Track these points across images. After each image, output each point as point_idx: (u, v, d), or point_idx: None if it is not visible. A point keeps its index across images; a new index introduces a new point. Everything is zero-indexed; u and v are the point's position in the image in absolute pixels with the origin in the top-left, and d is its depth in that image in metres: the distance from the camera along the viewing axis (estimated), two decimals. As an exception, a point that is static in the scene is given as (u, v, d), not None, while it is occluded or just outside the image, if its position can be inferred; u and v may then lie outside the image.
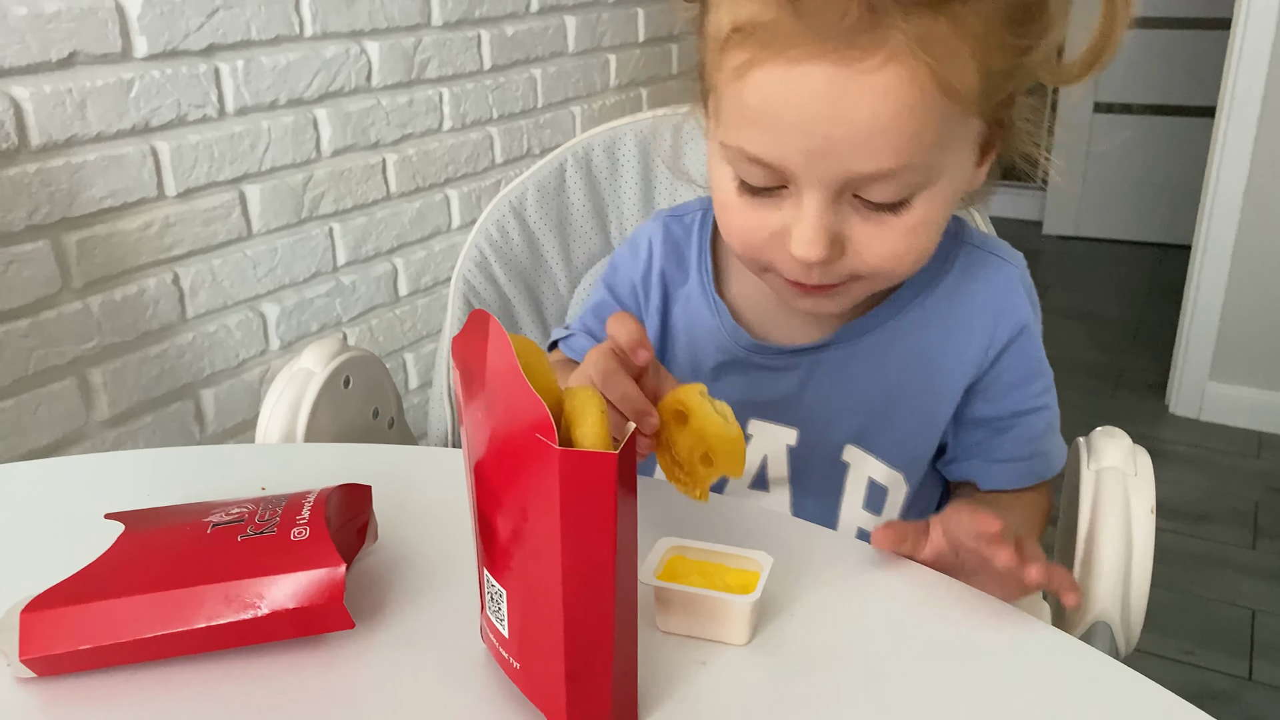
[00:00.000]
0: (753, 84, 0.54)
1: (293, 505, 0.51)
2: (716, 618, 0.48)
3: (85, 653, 0.46)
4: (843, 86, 0.52)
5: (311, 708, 0.45)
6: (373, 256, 1.66)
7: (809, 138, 0.53)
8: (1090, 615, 0.63)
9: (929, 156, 0.55)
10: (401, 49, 1.63)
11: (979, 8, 0.52)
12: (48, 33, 1.16)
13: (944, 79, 0.52)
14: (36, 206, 1.18)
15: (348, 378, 0.82)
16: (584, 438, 0.39)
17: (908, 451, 0.69)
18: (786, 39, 0.52)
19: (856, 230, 0.57)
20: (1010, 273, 0.69)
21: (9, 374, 1.18)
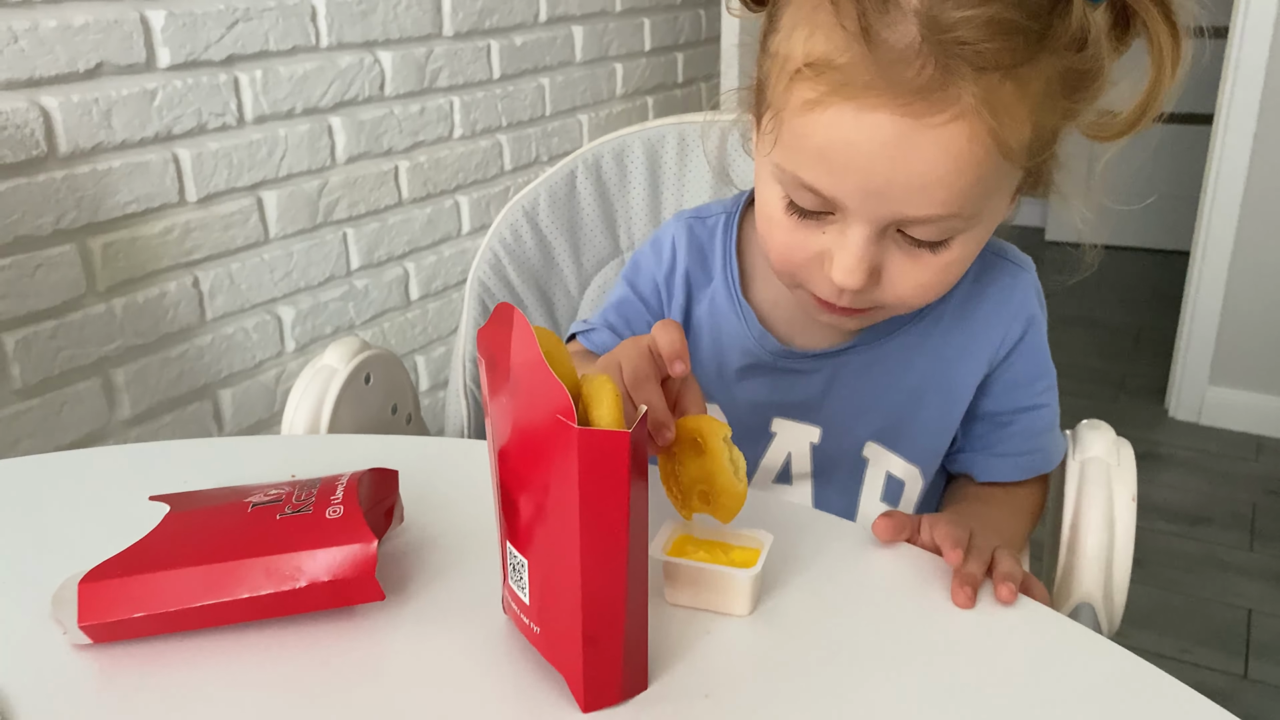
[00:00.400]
0: (821, 121, 0.56)
1: (327, 487, 0.54)
2: (720, 591, 0.52)
3: (138, 620, 0.50)
4: (909, 138, 0.54)
5: (345, 673, 0.49)
6: (385, 261, 1.70)
7: (869, 180, 0.56)
8: (1074, 597, 0.67)
9: (976, 206, 0.57)
10: (414, 59, 1.67)
11: (1040, 70, 0.54)
12: (76, 44, 1.21)
13: (1002, 138, 0.54)
14: (64, 212, 1.22)
15: (368, 375, 0.86)
16: (600, 419, 0.43)
17: (926, 447, 0.72)
18: (860, 85, 0.53)
19: (894, 263, 0.60)
20: (1021, 276, 0.73)
21: (37, 374, 1.22)
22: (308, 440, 0.76)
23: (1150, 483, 2.28)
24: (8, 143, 1.16)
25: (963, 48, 0.52)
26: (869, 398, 0.72)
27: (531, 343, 0.43)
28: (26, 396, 1.21)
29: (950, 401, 0.71)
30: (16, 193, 1.17)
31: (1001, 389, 0.72)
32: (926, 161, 0.54)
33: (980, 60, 0.52)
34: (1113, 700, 0.47)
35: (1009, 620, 0.53)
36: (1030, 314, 0.72)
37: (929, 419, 0.71)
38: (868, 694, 0.48)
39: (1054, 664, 0.50)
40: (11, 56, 1.15)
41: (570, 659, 0.46)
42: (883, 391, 0.71)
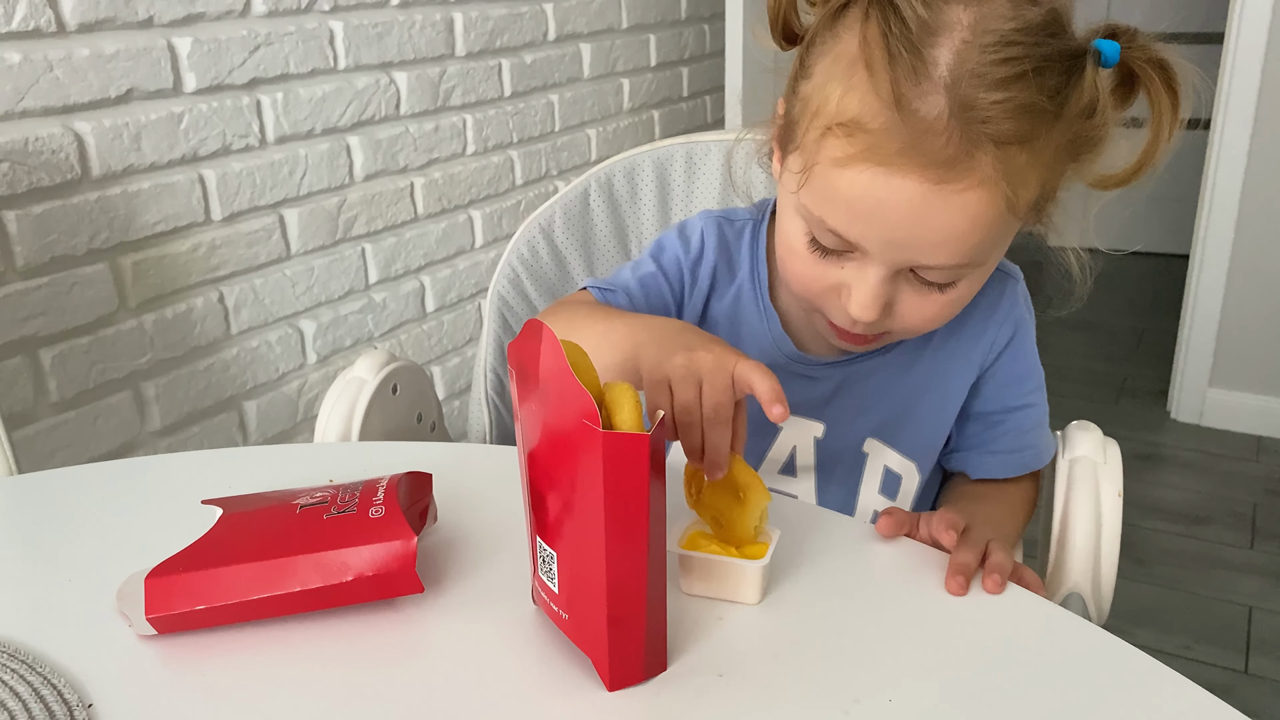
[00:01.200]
0: (850, 177, 0.60)
1: (368, 489, 0.59)
2: (732, 581, 0.56)
3: (199, 613, 0.54)
4: (933, 201, 0.59)
5: (389, 659, 0.54)
6: (402, 275, 1.75)
7: (892, 233, 0.61)
8: (1064, 588, 0.71)
9: (984, 255, 0.64)
10: (428, 79, 1.72)
11: (1053, 139, 0.60)
12: (108, 71, 1.26)
13: (1014, 201, 0.60)
14: (97, 232, 1.28)
15: (395, 385, 0.91)
16: (623, 423, 0.48)
17: (922, 444, 0.77)
18: (891, 152, 0.58)
19: (905, 299, 0.65)
20: (1009, 284, 0.78)
21: (72, 387, 1.27)
22: (341, 447, 0.81)
23: (1152, 483, 2.31)
24: (44, 167, 1.21)
25: (987, 125, 0.57)
26: (871, 399, 0.77)
27: (560, 355, 0.47)
28: (63, 409, 1.26)
29: (945, 401, 0.76)
30: (53, 214, 1.22)
31: (992, 390, 0.77)
32: (947, 221, 0.60)
33: (1001, 136, 0.57)
34: (1099, 681, 0.52)
35: (1001, 607, 0.58)
36: (1018, 319, 0.76)
37: (925, 417, 0.76)
38: (868, 674, 0.52)
39: (1044, 647, 0.54)
40: (47, 85, 1.20)
41: (596, 642, 0.50)
42: (884, 393, 0.77)
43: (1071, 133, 0.61)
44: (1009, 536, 0.74)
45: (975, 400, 0.77)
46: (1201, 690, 0.50)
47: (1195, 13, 3.54)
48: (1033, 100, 0.57)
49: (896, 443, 0.77)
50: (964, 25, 0.58)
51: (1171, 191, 3.70)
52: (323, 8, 1.52)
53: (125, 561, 0.61)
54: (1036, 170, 0.60)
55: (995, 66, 0.57)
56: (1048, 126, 0.59)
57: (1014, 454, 0.78)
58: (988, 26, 0.58)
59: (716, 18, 2.58)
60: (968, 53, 0.57)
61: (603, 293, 0.78)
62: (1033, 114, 0.58)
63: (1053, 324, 0.79)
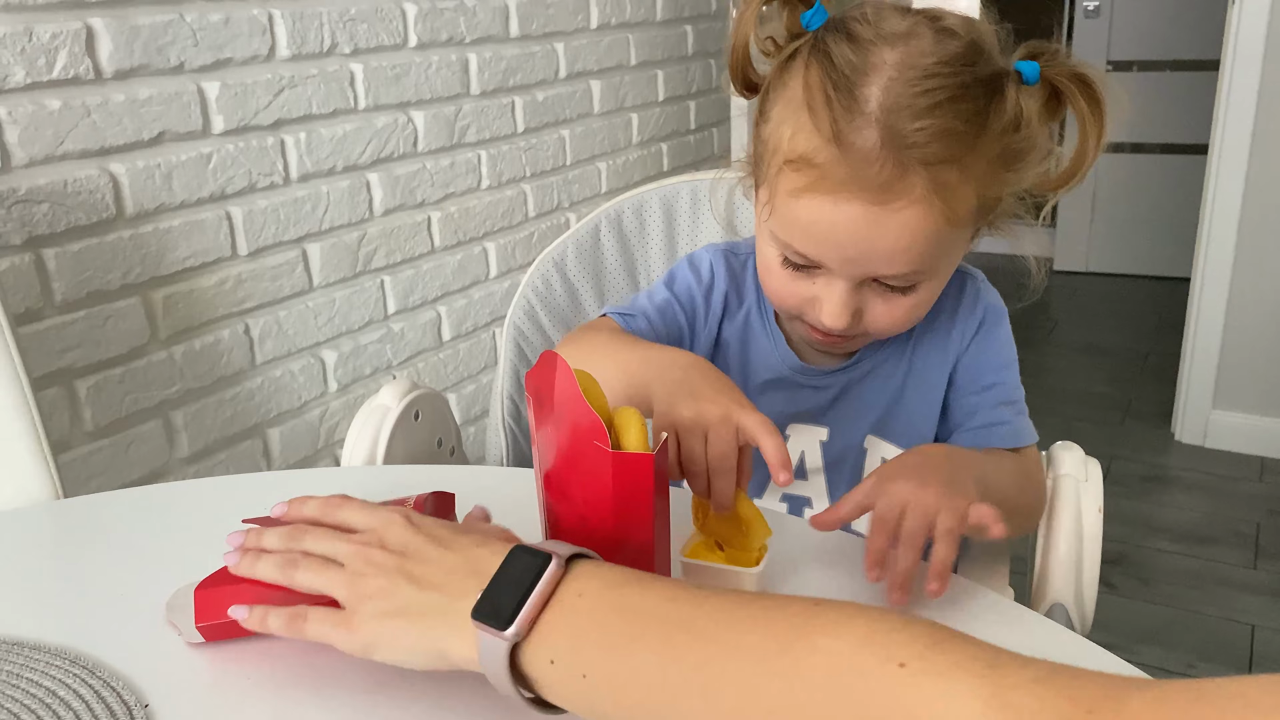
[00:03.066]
0: (803, 206, 0.69)
1: (395, 505, 0.64)
2: (731, 586, 0.61)
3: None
4: (874, 220, 0.67)
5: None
6: (419, 305, 1.81)
7: (844, 251, 0.70)
8: (1048, 599, 0.76)
9: (934, 262, 0.72)
10: (444, 117, 1.79)
11: (981, 154, 0.68)
12: (141, 115, 1.33)
13: (950, 213, 0.68)
14: (130, 268, 1.34)
15: (417, 411, 0.96)
16: (630, 444, 0.53)
17: (914, 433, 0.83)
18: (835, 181, 0.67)
19: (872, 304, 0.74)
20: (971, 283, 0.84)
21: (106, 416, 1.33)
22: (367, 470, 0.86)
23: (1156, 504, 2.35)
24: (81, 207, 1.27)
25: (914, 149, 0.65)
26: (867, 401, 0.83)
27: (573, 382, 0.52)
28: (97, 437, 1.32)
29: (928, 391, 0.83)
30: (89, 252, 1.29)
31: (964, 375, 0.83)
32: (891, 237, 0.68)
33: (928, 158, 0.66)
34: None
35: (986, 616, 0.62)
36: (984, 310, 0.83)
37: (912, 409, 0.83)
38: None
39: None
40: (85, 129, 1.27)
41: None
42: (877, 394, 0.83)
43: (1000, 146, 0.68)
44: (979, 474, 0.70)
45: (952, 389, 0.83)
46: None
47: (1191, 41, 3.61)
48: (953, 125, 0.65)
49: (891, 436, 0.84)
50: (889, 64, 0.66)
51: (1173, 216, 3.75)
52: (344, 51, 1.59)
53: (168, 576, 0.66)
54: (969, 184, 0.68)
55: (918, 98, 0.65)
56: (971, 145, 0.66)
57: (985, 429, 0.81)
58: (911, 63, 0.66)
59: (722, 53, 2.65)
60: (893, 87, 0.65)
61: (624, 318, 0.84)
62: (954, 136, 0.66)
63: (1059, 347, 0.85)
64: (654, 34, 2.36)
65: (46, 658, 0.60)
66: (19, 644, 0.61)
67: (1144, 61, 3.72)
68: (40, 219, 1.23)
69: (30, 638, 0.62)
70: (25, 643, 0.61)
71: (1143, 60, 3.72)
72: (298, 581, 0.55)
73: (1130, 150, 3.81)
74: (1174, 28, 3.64)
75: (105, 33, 1.27)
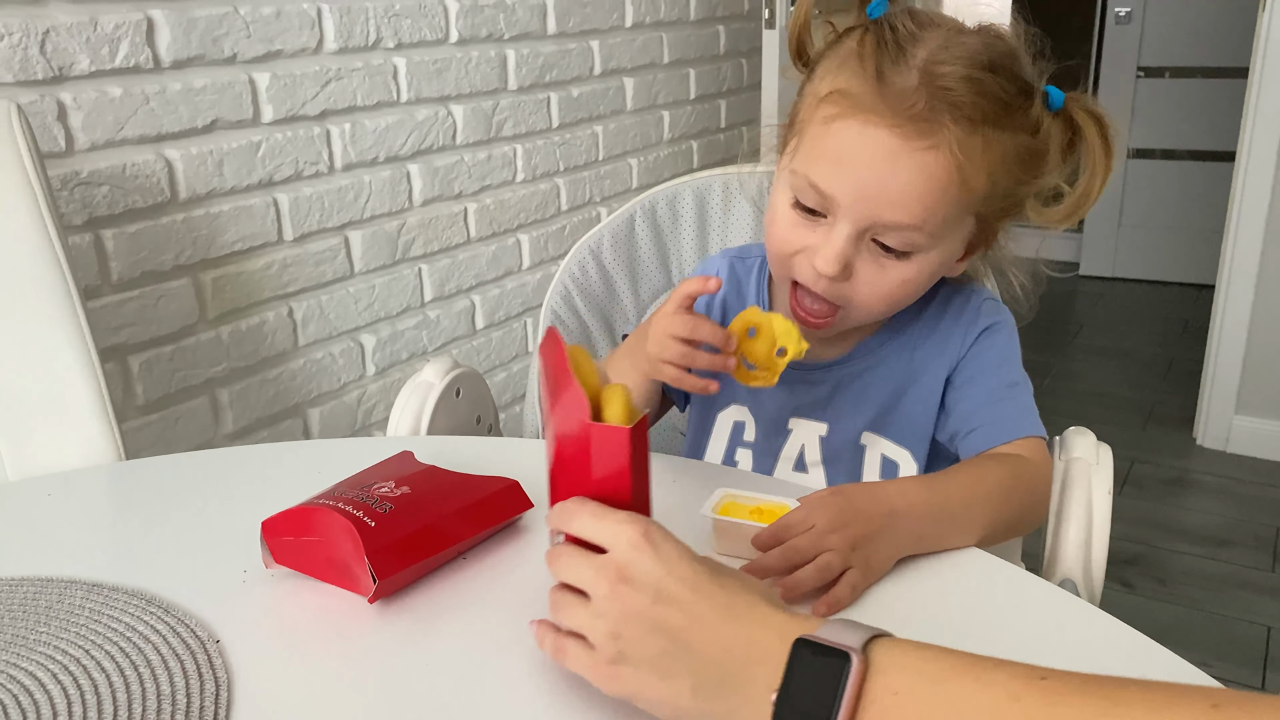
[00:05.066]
0: (835, 130, 0.73)
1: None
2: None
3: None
4: (898, 154, 0.71)
5: (444, 608, 0.63)
6: (454, 294, 1.86)
7: (860, 181, 0.72)
8: (1059, 575, 0.79)
9: (935, 227, 0.74)
10: (482, 111, 1.84)
11: (1003, 139, 0.73)
12: (196, 104, 1.38)
13: (965, 175, 0.72)
14: (182, 250, 1.39)
15: (459, 389, 1.01)
16: (611, 418, 0.56)
17: (911, 433, 0.86)
18: (868, 107, 0.71)
19: (864, 266, 0.76)
20: (973, 297, 0.87)
21: (157, 391, 1.39)
22: (412, 440, 0.91)
23: (1177, 507, 2.36)
24: (138, 190, 1.33)
25: (947, 93, 0.70)
26: (863, 396, 0.86)
27: (563, 357, 0.56)
28: (147, 412, 1.38)
29: (925, 394, 0.85)
30: (144, 233, 1.35)
31: (961, 376, 0.84)
32: (907, 174, 0.71)
33: (959, 107, 0.70)
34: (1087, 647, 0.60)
35: (998, 585, 0.66)
36: (980, 321, 0.84)
37: (909, 409, 0.85)
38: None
39: (1033, 617, 0.63)
40: (144, 116, 1.33)
41: None
42: (873, 391, 0.86)
43: (1018, 142, 0.73)
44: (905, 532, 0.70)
45: (950, 390, 0.85)
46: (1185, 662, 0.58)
47: (1223, 48, 3.60)
48: (988, 90, 0.71)
49: (888, 433, 0.86)
50: (940, 39, 0.72)
51: (1200, 223, 3.75)
52: (388, 45, 1.65)
53: (229, 528, 0.71)
54: (986, 159, 0.72)
55: (960, 61, 0.71)
56: (997, 121, 0.72)
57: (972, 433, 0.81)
58: (961, 41, 0.72)
59: (754, 52, 2.69)
60: (941, 51, 0.71)
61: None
62: (987, 100, 0.71)
63: (1085, 350, 0.88)
64: (687, 33, 2.41)
65: (125, 598, 0.65)
66: (99, 585, 0.67)
67: (1175, 68, 3.72)
68: (100, 201, 1.29)
69: (109, 580, 0.67)
70: (105, 585, 0.67)
71: (1174, 66, 3.72)
72: (563, 622, 0.54)
73: (1160, 156, 3.82)
74: (1205, 34, 3.64)
75: (165, 24, 1.33)
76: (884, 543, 0.66)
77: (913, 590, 0.65)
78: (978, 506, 0.71)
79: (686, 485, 0.79)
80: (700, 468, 0.85)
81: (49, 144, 1.23)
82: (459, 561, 0.69)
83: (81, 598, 0.65)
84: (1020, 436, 0.79)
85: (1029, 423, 0.80)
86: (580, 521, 0.55)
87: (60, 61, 1.23)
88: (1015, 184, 0.75)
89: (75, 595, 0.65)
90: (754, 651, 0.48)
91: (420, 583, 0.66)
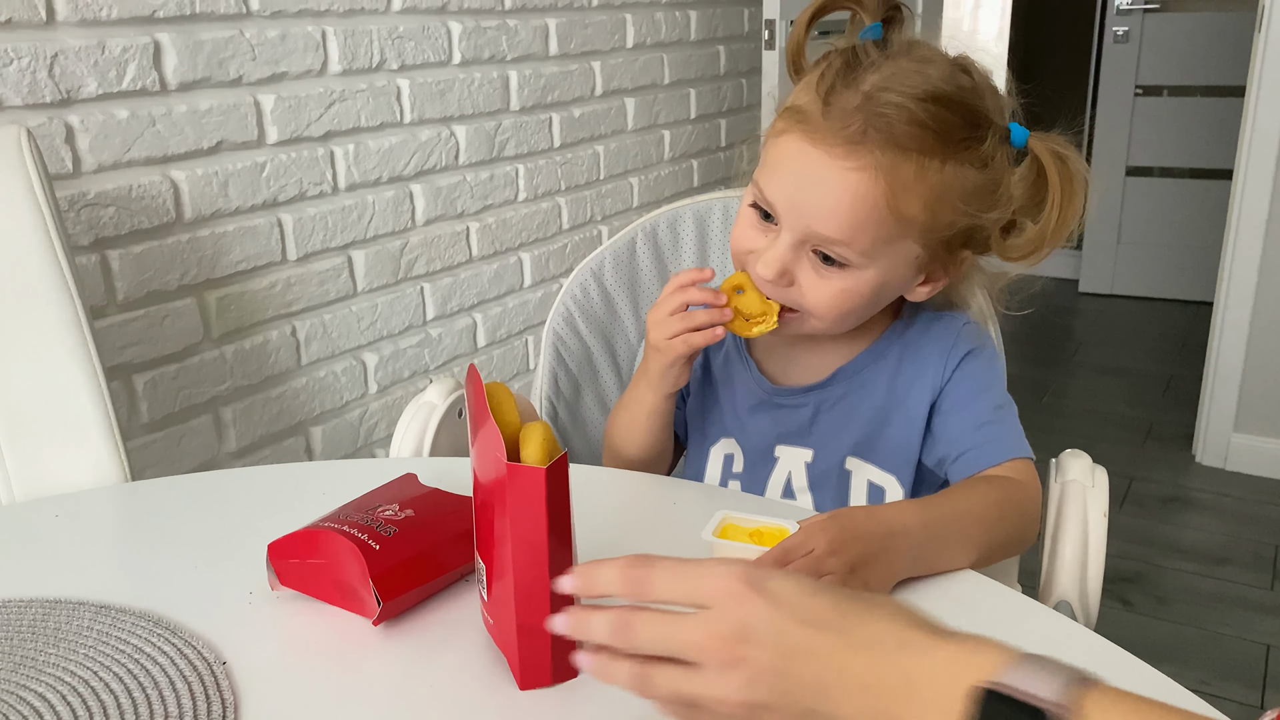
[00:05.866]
0: (781, 143, 0.78)
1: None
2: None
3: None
4: (826, 171, 0.75)
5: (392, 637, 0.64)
6: (456, 312, 1.87)
7: (795, 194, 0.77)
8: (1054, 596, 0.80)
9: (867, 245, 0.76)
10: (484, 131, 1.86)
11: (942, 170, 0.75)
12: (202, 126, 1.40)
13: (893, 201, 0.74)
14: (187, 269, 1.41)
15: (461, 409, 1.02)
16: (528, 457, 0.56)
17: (894, 457, 0.86)
18: (808, 125, 0.76)
19: (805, 273, 0.79)
20: (953, 323, 0.87)
21: (161, 409, 1.40)
22: (415, 461, 0.92)
23: (1176, 524, 2.37)
24: (144, 211, 1.35)
25: (882, 119, 0.73)
26: (845, 422, 0.87)
27: (482, 396, 0.57)
28: (152, 430, 1.39)
29: (908, 420, 0.86)
30: (150, 254, 1.36)
31: (946, 402, 0.85)
32: (835, 192, 0.75)
33: (890, 135, 0.73)
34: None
35: (994, 604, 0.67)
36: (960, 349, 0.85)
37: (893, 435, 0.86)
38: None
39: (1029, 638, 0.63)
40: (150, 138, 1.34)
41: (511, 646, 0.59)
42: (855, 416, 0.87)
43: (963, 175, 0.75)
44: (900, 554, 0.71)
45: (937, 416, 0.85)
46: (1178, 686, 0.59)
47: (1220, 67, 3.63)
48: (924, 119, 0.73)
49: (873, 458, 0.87)
50: (898, 68, 0.75)
51: (1198, 240, 3.77)
52: (391, 67, 1.66)
53: (234, 550, 0.72)
54: (921, 186, 0.74)
55: (905, 88, 0.73)
56: (934, 152, 0.74)
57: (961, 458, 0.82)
58: (917, 70, 0.75)
59: (753, 72, 2.71)
60: (889, 80, 0.74)
61: None
62: (922, 130, 0.73)
63: (1083, 368, 0.89)
64: (687, 53, 2.43)
65: (133, 619, 0.66)
66: (106, 606, 0.68)
67: (1173, 86, 3.74)
68: (106, 222, 1.30)
69: (117, 602, 0.68)
70: (112, 606, 0.68)
71: (1172, 85, 3.75)
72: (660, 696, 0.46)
73: (1159, 174, 3.84)
74: (1202, 54, 3.67)
75: (171, 47, 1.35)
76: (882, 565, 0.67)
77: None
78: (972, 528, 0.72)
79: (685, 507, 0.80)
80: (699, 489, 0.86)
81: (56, 166, 1.25)
82: (462, 584, 0.70)
83: (90, 619, 0.66)
84: (1008, 459, 0.79)
85: (1016, 445, 0.81)
86: (659, 584, 0.47)
87: (68, 84, 1.25)
88: (961, 215, 0.77)
89: (84, 616, 0.66)
90: (915, 693, 0.41)
91: (424, 605, 0.67)
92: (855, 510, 0.71)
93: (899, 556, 0.68)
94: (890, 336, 0.87)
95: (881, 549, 0.67)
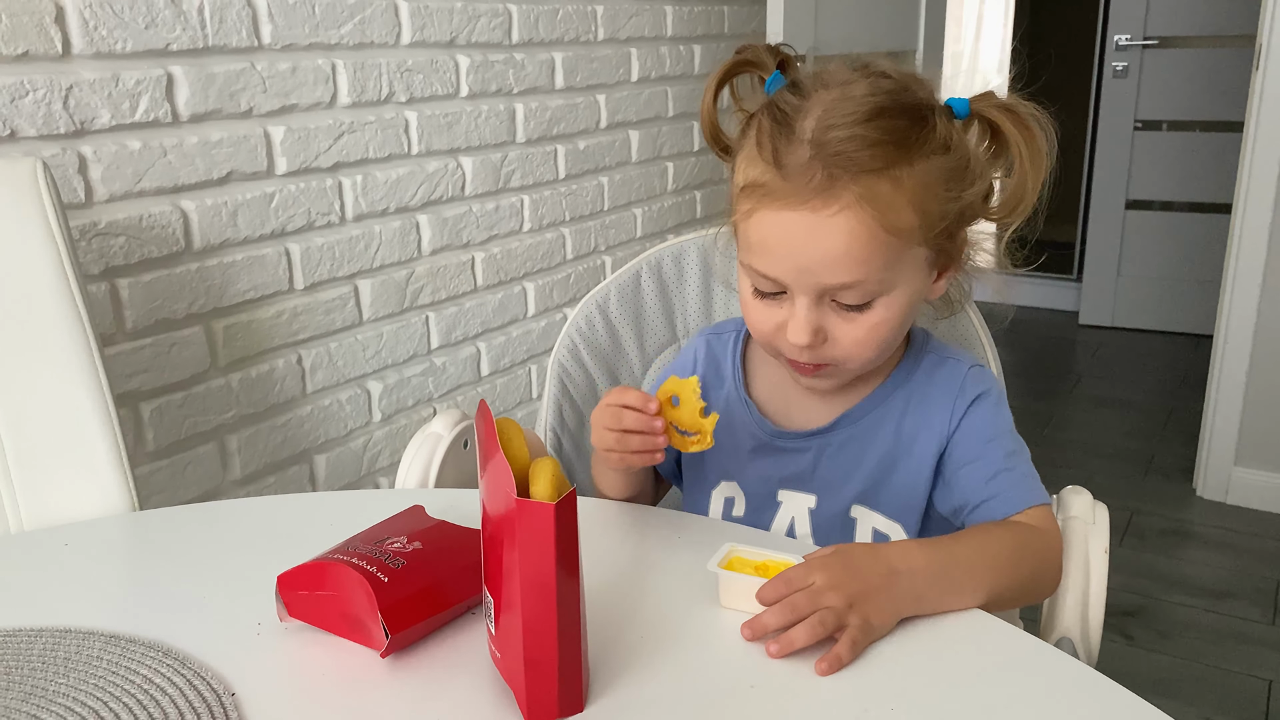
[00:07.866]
0: (755, 224, 0.78)
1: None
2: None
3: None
4: (812, 226, 0.75)
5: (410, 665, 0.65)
6: (461, 341, 1.88)
7: (793, 260, 0.76)
8: (1056, 634, 0.81)
9: (881, 274, 0.76)
10: (490, 163, 1.88)
11: (915, 171, 0.75)
12: (212, 156, 1.42)
13: (886, 221, 0.74)
14: (195, 298, 1.42)
15: (466, 440, 1.03)
16: (538, 494, 0.57)
17: (901, 505, 0.86)
18: (775, 195, 0.76)
19: (834, 324, 0.79)
20: (961, 369, 0.87)
21: (168, 437, 1.40)
22: (421, 493, 0.93)
23: (1177, 558, 2.37)
24: (154, 240, 1.36)
25: (840, 158, 0.73)
26: (850, 468, 0.87)
27: (493, 430, 0.58)
28: (157, 457, 1.40)
29: (915, 467, 0.85)
30: (159, 282, 1.37)
31: (957, 451, 0.84)
32: (829, 241, 0.75)
33: (855, 166, 0.74)
34: (1080, 709, 0.61)
35: (997, 640, 0.67)
36: (967, 396, 0.85)
37: (899, 482, 0.86)
38: (876, 685, 0.62)
39: (1031, 677, 0.64)
40: (161, 168, 1.36)
41: (518, 680, 0.59)
42: (860, 462, 0.86)
43: (934, 165, 0.76)
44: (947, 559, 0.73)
45: (949, 464, 0.85)
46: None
47: (1216, 102, 3.66)
48: (877, 137, 0.74)
49: (879, 506, 0.87)
50: (826, 101, 0.76)
51: (1198, 273, 3.79)
52: (400, 99, 1.69)
53: (241, 580, 0.73)
54: (903, 196, 0.75)
55: (845, 117, 0.74)
56: (898, 159, 0.74)
57: (978, 508, 0.81)
58: (845, 95, 0.76)
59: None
60: (825, 116, 0.75)
61: None
62: (879, 147, 0.74)
63: (1084, 400, 0.89)
64: (691, 87, 2.45)
65: (142, 650, 0.67)
66: (116, 637, 0.68)
67: (1172, 121, 3.78)
68: (117, 251, 1.32)
69: (127, 632, 0.69)
70: (122, 636, 0.68)
71: (1171, 120, 3.78)
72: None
73: (1159, 208, 3.86)
74: (1201, 89, 3.70)
75: (184, 79, 1.37)
76: (884, 601, 0.67)
77: (909, 648, 0.67)
78: (981, 570, 0.72)
79: (691, 540, 0.81)
80: (704, 523, 0.87)
81: (69, 195, 1.26)
82: (469, 616, 0.70)
83: (100, 649, 0.67)
84: (1025, 508, 0.79)
85: (1033, 492, 0.80)
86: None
87: (82, 116, 1.27)
88: (948, 202, 0.78)
89: (94, 646, 0.67)
90: None
91: (432, 637, 0.68)
92: (858, 547, 0.72)
93: (901, 594, 0.68)
94: (895, 380, 0.87)
95: (882, 586, 0.68)
